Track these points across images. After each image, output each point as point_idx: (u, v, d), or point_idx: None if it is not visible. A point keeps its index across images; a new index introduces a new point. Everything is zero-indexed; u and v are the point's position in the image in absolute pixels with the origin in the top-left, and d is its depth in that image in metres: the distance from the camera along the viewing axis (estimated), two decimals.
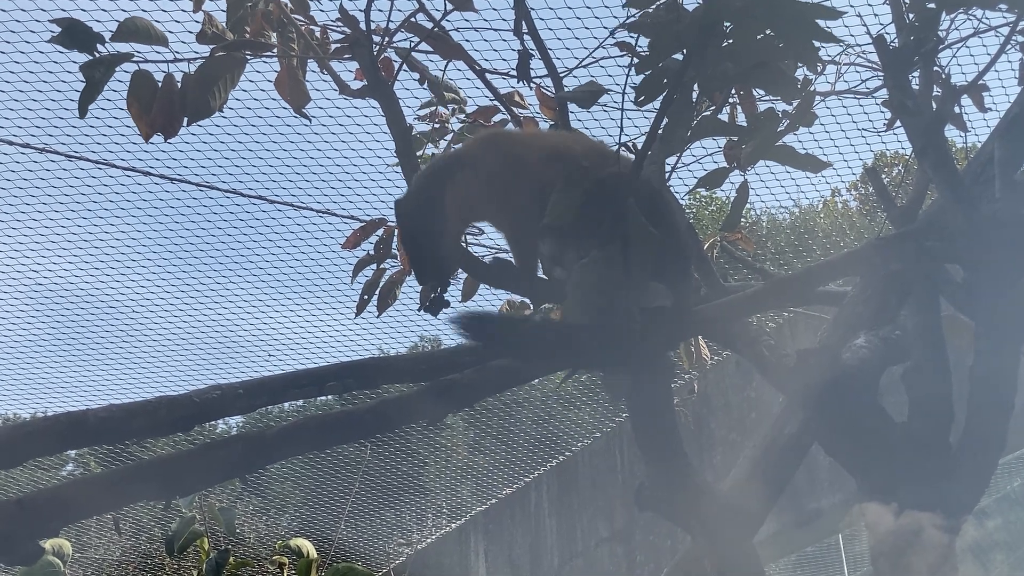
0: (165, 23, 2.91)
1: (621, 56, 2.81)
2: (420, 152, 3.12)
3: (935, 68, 2.53)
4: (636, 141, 2.64)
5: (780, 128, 2.21)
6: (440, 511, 9.54)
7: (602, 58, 3.04)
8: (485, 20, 3.40)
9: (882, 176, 2.94)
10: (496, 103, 3.02)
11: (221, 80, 2.44)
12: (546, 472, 8.18)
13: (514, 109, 3.00)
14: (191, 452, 2.16)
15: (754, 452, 2.45)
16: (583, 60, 3.00)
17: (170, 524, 3.07)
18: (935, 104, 2.45)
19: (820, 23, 1.79)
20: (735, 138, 2.48)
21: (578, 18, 4.69)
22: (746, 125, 2.27)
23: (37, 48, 4.71)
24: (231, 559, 3.01)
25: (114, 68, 2.30)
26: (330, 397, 2.66)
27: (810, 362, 2.21)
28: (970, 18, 2.99)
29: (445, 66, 2.94)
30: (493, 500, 8.65)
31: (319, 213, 5.84)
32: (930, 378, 2.14)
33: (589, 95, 2.18)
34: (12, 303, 6.60)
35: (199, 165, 5.52)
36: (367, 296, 2.94)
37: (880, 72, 2.98)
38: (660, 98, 1.94)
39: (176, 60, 2.41)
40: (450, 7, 2.62)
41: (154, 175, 5.51)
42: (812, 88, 2.79)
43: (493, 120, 3.11)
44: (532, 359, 2.20)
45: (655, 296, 2.09)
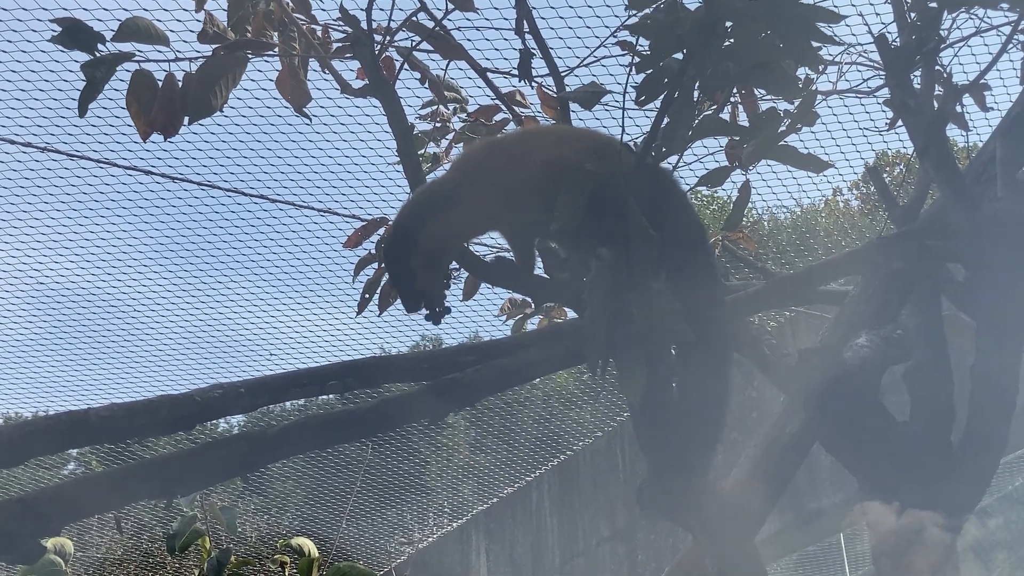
0: (166, 23, 2.91)
1: (622, 55, 2.81)
2: (421, 151, 3.12)
3: (937, 67, 2.53)
4: (637, 140, 2.64)
5: (781, 128, 2.21)
6: (441, 510, 9.55)
7: (603, 57, 3.03)
8: (486, 19, 3.40)
9: (884, 175, 2.94)
10: (497, 102, 3.02)
11: (222, 79, 2.44)
12: (547, 471, 8.18)
13: (515, 108, 3.00)
14: (192, 451, 2.16)
15: (755, 451, 2.46)
16: (584, 59, 3.00)
17: (171, 523, 3.07)
18: (937, 103, 2.45)
19: (820, 25, 1.79)
20: (736, 137, 2.47)
21: (579, 17, 4.69)
22: (747, 124, 2.27)
23: (39, 47, 4.72)
24: (232, 558, 3.01)
25: (115, 67, 2.30)
26: (331, 396, 2.66)
27: (811, 361, 2.21)
28: (972, 17, 2.98)
29: (446, 65, 2.94)
30: (494, 499, 8.64)
31: (320, 212, 5.84)
32: (931, 377, 2.14)
33: (591, 95, 2.18)
34: (14, 302, 6.61)
35: (200, 164, 5.52)
36: (368, 295, 2.94)
37: (882, 71, 2.98)
38: (661, 97, 1.94)
39: (177, 59, 2.41)
40: (451, 6, 2.62)
41: (155, 174, 5.52)
42: (813, 87, 2.78)
43: (494, 119, 3.10)
44: None
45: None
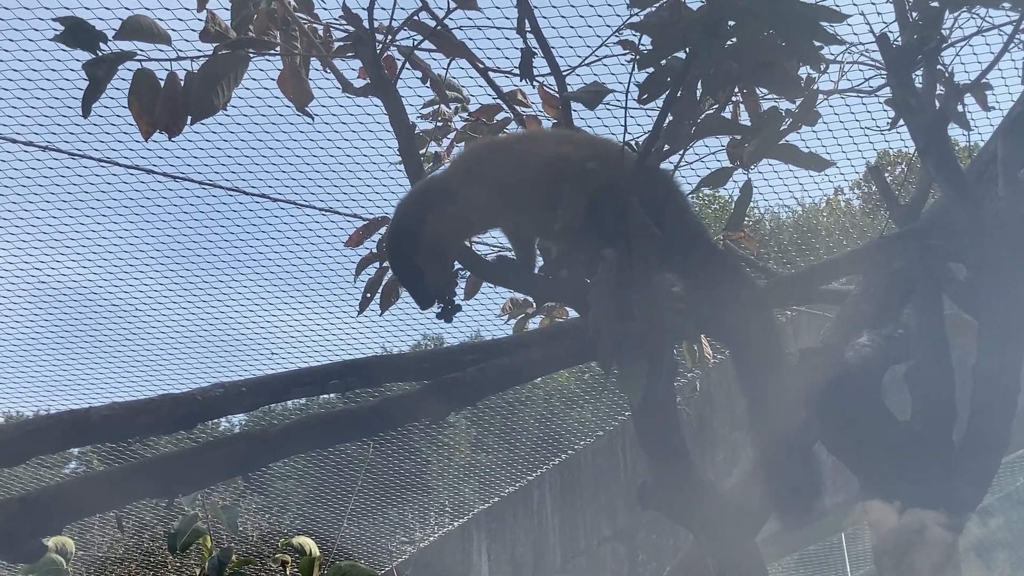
0: (168, 21, 2.90)
1: (624, 54, 2.80)
2: (423, 150, 3.12)
3: (938, 67, 2.53)
4: (639, 140, 2.64)
5: (783, 127, 2.21)
6: (443, 509, 9.55)
7: (605, 56, 3.03)
8: (488, 18, 3.39)
9: (885, 175, 2.93)
10: (499, 101, 3.02)
11: (224, 78, 2.44)
12: (549, 470, 8.18)
13: (517, 108, 3.00)
14: (194, 450, 2.17)
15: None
16: (586, 58, 3.00)
17: (173, 522, 3.07)
18: (938, 103, 2.45)
19: (823, 24, 1.79)
20: (738, 137, 2.47)
21: (581, 16, 4.68)
22: (749, 124, 2.27)
23: (40, 46, 4.72)
24: (233, 557, 3.01)
25: (117, 66, 2.30)
26: (333, 395, 2.66)
27: (813, 361, 2.21)
28: (973, 17, 2.98)
29: (448, 64, 2.94)
30: (496, 498, 8.65)
31: (322, 211, 5.84)
32: (933, 377, 2.14)
33: (593, 95, 2.18)
34: (16, 301, 6.61)
35: (202, 163, 5.52)
36: (370, 294, 2.94)
37: (883, 70, 2.98)
38: (663, 96, 1.94)
39: (179, 58, 2.41)
40: (453, 5, 2.62)
41: (157, 173, 5.52)
42: (815, 87, 2.78)
43: (496, 119, 3.10)
44: None
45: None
